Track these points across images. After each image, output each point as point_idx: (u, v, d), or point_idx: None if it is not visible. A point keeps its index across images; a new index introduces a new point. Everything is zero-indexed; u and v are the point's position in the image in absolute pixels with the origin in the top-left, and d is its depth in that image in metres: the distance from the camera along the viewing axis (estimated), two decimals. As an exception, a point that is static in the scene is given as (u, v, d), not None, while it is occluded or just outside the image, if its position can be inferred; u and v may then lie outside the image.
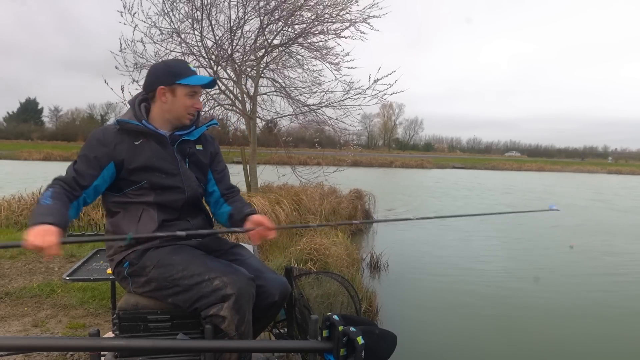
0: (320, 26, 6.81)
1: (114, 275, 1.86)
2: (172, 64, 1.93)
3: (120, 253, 1.78)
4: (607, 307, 5.49)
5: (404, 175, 34.10)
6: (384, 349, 1.31)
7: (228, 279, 1.66)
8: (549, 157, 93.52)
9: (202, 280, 1.67)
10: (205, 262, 1.74)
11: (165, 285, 1.71)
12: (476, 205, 16.28)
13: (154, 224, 1.77)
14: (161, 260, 1.73)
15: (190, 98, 1.83)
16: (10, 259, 4.98)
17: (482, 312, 5.27)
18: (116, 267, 1.81)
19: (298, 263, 4.98)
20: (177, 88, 1.81)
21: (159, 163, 1.80)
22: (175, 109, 1.83)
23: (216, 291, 1.65)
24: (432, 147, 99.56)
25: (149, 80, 1.86)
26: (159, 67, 1.91)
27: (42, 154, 35.24)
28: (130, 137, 1.79)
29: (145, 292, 1.77)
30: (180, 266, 1.71)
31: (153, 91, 1.83)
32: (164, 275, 1.71)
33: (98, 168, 1.73)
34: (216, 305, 1.64)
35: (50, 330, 3.29)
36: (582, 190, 25.15)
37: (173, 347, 1.29)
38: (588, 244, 9.52)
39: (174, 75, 1.81)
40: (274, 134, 8.31)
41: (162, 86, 1.81)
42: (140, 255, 1.75)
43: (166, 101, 1.82)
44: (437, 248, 8.66)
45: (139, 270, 1.75)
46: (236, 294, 1.64)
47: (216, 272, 1.69)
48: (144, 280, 1.74)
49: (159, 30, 6.67)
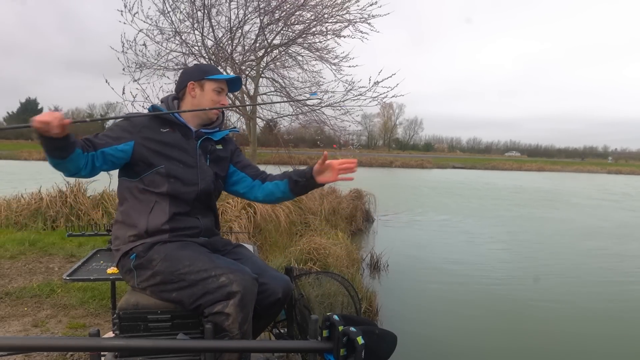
0: (319, 26, 6.81)
1: (119, 269, 1.86)
2: (204, 65, 2.11)
3: (128, 244, 1.79)
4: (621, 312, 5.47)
5: (406, 175, 34.09)
6: (384, 349, 1.31)
7: (234, 277, 1.68)
8: (549, 157, 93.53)
9: (209, 277, 1.69)
10: (211, 259, 1.76)
11: (171, 280, 1.72)
12: (506, 206, 16.27)
13: (165, 216, 1.80)
14: (168, 254, 1.75)
15: (217, 94, 1.95)
16: (10, 259, 4.98)
17: (482, 312, 5.28)
18: (121, 258, 1.81)
19: (298, 263, 4.99)
20: (206, 83, 1.93)
21: (179, 152, 1.87)
22: (203, 103, 1.93)
23: (222, 288, 1.67)
24: (432, 147, 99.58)
25: (180, 79, 2.00)
26: (190, 67, 2.07)
27: (42, 154, 34.95)
28: (158, 124, 1.88)
29: (150, 287, 1.77)
30: (187, 261, 1.73)
31: (184, 88, 1.95)
32: (170, 269, 1.72)
33: (117, 140, 1.79)
34: (221, 302, 1.66)
35: (50, 330, 3.29)
36: (591, 190, 25.14)
37: (173, 347, 1.29)
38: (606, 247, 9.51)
39: (204, 72, 1.94)
40: (274, 133, 8.30)
41: (192, 81, 1.93)
42: (148, 248, 1.77)
43: (195, 95, 1.94)
44: (438, 248, 8.66)
45: (145, 262, 1.75)
46: (242, 291, 1.66)
47: (222, 269, 1.71)
48: (150, 274, 1.75)
49: (160, 30, 6.67)
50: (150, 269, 1.75)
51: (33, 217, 6.83)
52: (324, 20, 6.74)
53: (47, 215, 6.86)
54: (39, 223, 6.73)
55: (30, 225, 6.69)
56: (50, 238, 5.85)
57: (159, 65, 6.92)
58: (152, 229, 1.79)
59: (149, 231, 1.79)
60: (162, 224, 1.79)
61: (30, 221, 6.76)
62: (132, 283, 1.82)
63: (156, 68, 6.90)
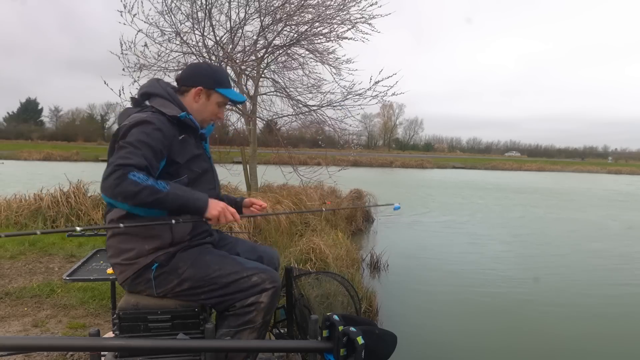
0: (320, 27, 6.80)
1: (129, 280, 1.76)
2: (217, 69, 1.98)
3: (148, 256, 1.72)
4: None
5: (406, 175, 34.09)
6: (384, 349, 1.31)
7: (266, 275, 1.80)
8: (548, 157, 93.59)
9: (240, 278, 1.77)
10: (237, 261, 1.84)
11: (201, 285, 1.75)
12: (508, 206, 16.28)
13: (190, 225, 1.79)
14: (195, 261, 1.77)
15: (218, 107, 1.92)
16: (10, 259, 4.98)
17: (482, 312, 5.27)
18: (138, 271, 1.73)
19: (298, 263, 4.98)
20: (213, 94, 1.89)
21: (196, 159, 1.85)
22: (204, 112, 1.89)
23: (255, 286, 1.77)
24: (432, 147, 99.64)
25: (190, 75, 1.89)
26: (203, 67, 1.96)
27: (42, 154, 35.24)
28: (177, 130, 1.77)
29: (175, 293, 1.77)
30: (216, 265, 1.78)
31: (189, 87, 1.87)
32: (199, 275, 1.75)
33: (160, 160, 1.69)
34: (255, 295, 1.76)
35: (50, 330, 3.29)
36: (600, 190, 25.15)
37: (173, 347, 1.29)
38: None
39: (216, 82, 1.87)
40: (274, 133, 8.30)
41: (202, 87, 1.86)
42: (170, 257, 1.75)
43: (198, 101, 1.88)
44: (438, 248, 8.65)
45: (170, 271, 1.74)
46: (276, 286, 1.79)
47: (252, 270, 1.81)
48: (177, 282, 1.75)
49: (161, 31, 6.67)
50: (176, 276, 1.75)
51: (33, 217, 6.83)
52: (324, 20, 6.73)
53: (47, 215, 6.86)
54: (39, 223, 6.72)
55: (30, 225, 6.68)
56: (50, 238, 5.84)
57: (160, 66, 6.92)
58: (178, 239, 1.77)
59: (174, 242, 1.76)
60: (188, 233, 1.80)
61: (30, 221, 6.76)
62: (149, 293, 1.77)
63: (157, 69, 6.90)
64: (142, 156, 1.59)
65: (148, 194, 1.53)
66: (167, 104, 1.80)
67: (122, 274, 1.77)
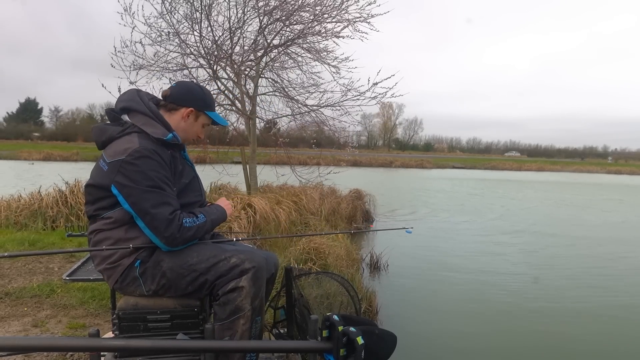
0: (318, 26, 6.79)
1: (118, 283, 1.79)
2: (207, 92, 2.05)
3: (130, 256, 1.75)
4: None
5: (406, 175, 34.09)
6: (384, 349, 1.31)
7: (244, 256, 1.79)
8: (548, 157, 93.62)
9: (219, 261, 1.77)
10: (216, 246, 1.86)
11: (182, 274, 1.75)
12: (509, 205, 16.28)
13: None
14: (174, 251, 1.78)
15: (202, 128, 2.00)
16: (10, 259, 4.97)
17: (483, 312, 5.27)
18: (124, 272, 1.76)
19: (298, 263, 4.98)
20: (202, 116, 1.96)
21: (184, 172, 1.90)
22: (189, 131, 1.95)
23: (234, 268, 1.76)
24: (431, 147, 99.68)
25: (182, 94, 1.92)
26: (196, 89, 1.98)
27: (42, 154, 35.23)
28: (163, 149, 1.81)
29: (161, 288, 1.76)
30: (194, 252, 1.78)
31: (179, 106, 1.91)
32: (178, 263, 1.75)
33: (171, 187, 1.81)
34: (235, 279, 1.75)
35: (50, 330, 3.29)
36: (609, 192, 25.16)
37: (173, 347, 1.29)
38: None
39: (206, 105, 1.96)
40: (273, 133, 8.30)
41: (193, 109, 1.92)
42: (151, 252, 1.77)
43: (186, 121, 1.93)
44: (438, 248, 8.65)
45: (152, 265, 1.76)
46: (256, 266, 1.77)
47: (231, 252, 1.80)
48: (160, 274, 1.75)
49: (159, 33, 6.66)
50: (159, 270, 1.75)
51: (33, 217, 6.83)
52: (323, 20, 6.73)
53: (46, 215, 6.86)
54: (38, 223, 6.72)
55: (30, 225, 6.69)
56: (50, 238, 5.84)
57: (158, 67, 6.91)
58: None
59: None
60: None
61: (30, 221, 6.76)
62: (140, 292, 1.78)
63: (155, 70, 6.89)
64: (172, 196, 1.75)
65: (201, 232, 1.79)
66: (151, 123, 1.82)
67: (111, 278, 1.80)
